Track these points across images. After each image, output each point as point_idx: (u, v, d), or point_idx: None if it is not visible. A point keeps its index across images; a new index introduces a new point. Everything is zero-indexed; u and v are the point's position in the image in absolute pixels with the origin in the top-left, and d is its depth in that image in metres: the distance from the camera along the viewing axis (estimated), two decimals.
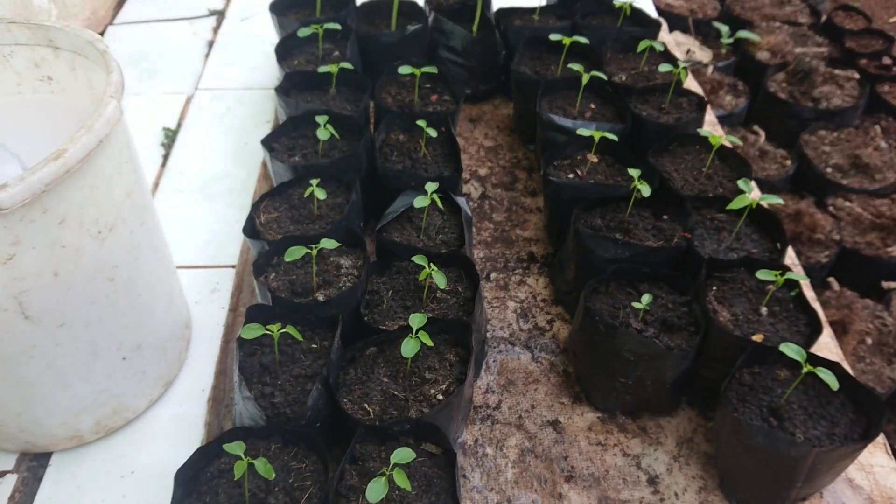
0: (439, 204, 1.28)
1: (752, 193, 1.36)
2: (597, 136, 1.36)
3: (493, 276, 1.43)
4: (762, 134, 2.10)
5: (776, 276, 1.09)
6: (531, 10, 1.90)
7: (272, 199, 1.30)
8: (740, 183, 1.27)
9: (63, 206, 0.81)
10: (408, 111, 1.51)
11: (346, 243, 1.21)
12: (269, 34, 2.05)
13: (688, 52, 2.50)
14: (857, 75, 2.29)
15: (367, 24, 1.85)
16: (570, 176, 1.39)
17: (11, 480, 1.05)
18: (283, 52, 1.68)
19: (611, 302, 1.17)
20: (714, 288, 1.16)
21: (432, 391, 1.01)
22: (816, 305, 1.29)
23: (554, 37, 1.61)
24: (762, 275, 1.10)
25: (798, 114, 2.10)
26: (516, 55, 1.71)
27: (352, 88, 1.57)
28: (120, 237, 0.92)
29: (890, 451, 1.13)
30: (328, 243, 1.10)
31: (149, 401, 1.12)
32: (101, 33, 2.12)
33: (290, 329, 0.99)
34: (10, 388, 0.94)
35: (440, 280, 1.09)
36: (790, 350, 0.97)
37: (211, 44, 2.09)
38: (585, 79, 1.48)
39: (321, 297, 1.12)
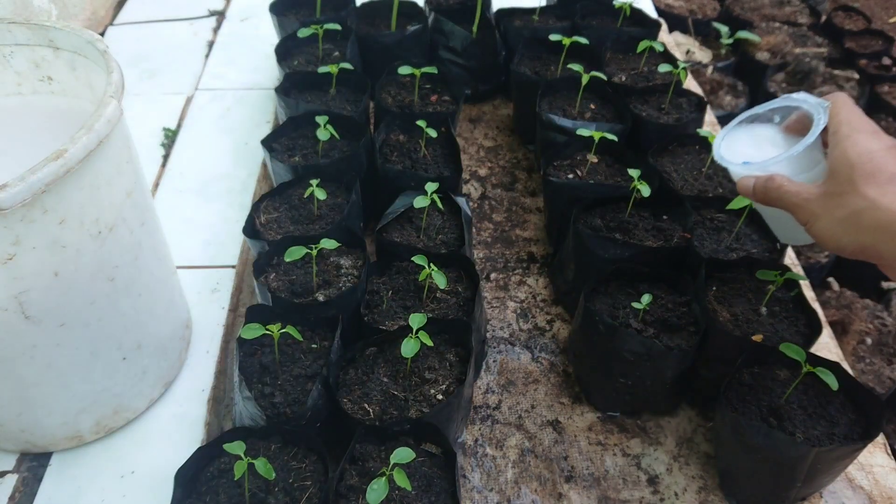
0: (439, 204, 1.28)
1: None
2: (597, 136, 1.36)
3: (492, 276, 1.43)
4: None
5: (776, 276, 1.09)
6: (531, 11, 1.90)
7: (272, 200, 1.31)
8: None
9: (63, 205, 0.81)
10: (408, 111, 1.51)
11: (346, 243, 1.21)
12: (269, 34, 2.05)
13: (687, 52, 2.50)
14: (856, 75, 2.29)
15: (367, 24, 1.86)
16: (570, 176, 1.39)
17: (11, 480, 1.05)
18: (283, 52, 1.68)
19: (611, 302, 1.17)
20: (714, 288, 1.16)
21: (432, 391, 1.01)
22: (816, 305, 1.29)
23: (554, 37, 1.61)
24: (762, 275, 1.10)
25: None
26: (516, 55, 1.71)
27: (352, 89, 1.57)
28: (120, 237, 0.92)
29: (890, 451, 1.13)
30: (328, 243, 1.10)
31: (149, 401, 1.12)
32: (102, 33, 2.12)
33: (290, 329, 0.99)
34: (10, 388, 0.94)
35: (440, 280, 1.09)
36: (790, 350, 0.97)
37: (211, 44, 2.09)
38: (585, 79, 1.48)
39: (321, 298, 1.12)
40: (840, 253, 0.78)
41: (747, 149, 0.94)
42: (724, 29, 2.57)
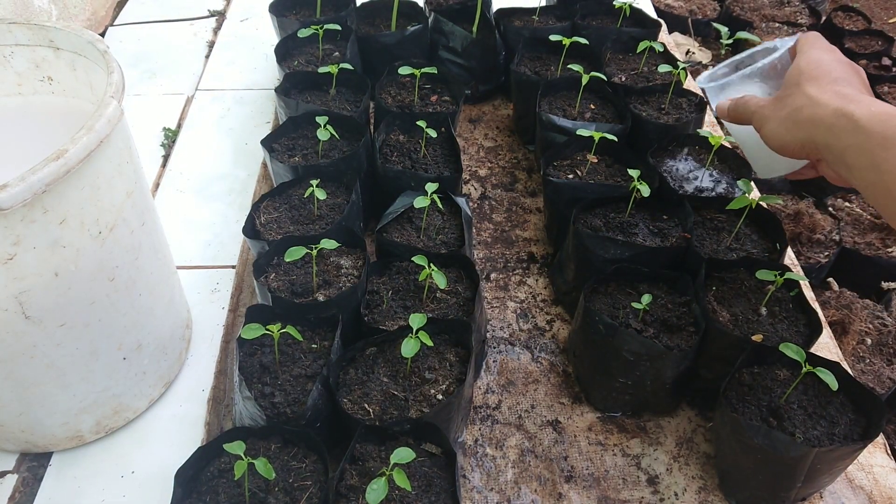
0: (439, 204, 1.28)
1: (752, 193, 1.36)
2: (596, 136, 1.36)
3: (492, 276, 1.43)
4: None
5: (775, 276, 1.09)
6: (531, 11, 1.90)
7: (272, 200, 1.31)
8: (740, 183, 1.27)
9: (64, 206, 0.81)
10: (408, 111, 1.51)
11: (346, 243, 1.21)
12: (269, 35, 2.05)
13: (687, 52, 2.50)
14: None
15: (367, 24, 1.86)
16: (570, 176, 1.39)
17: (11, 480, 1.05)
18: (283, 52, 1.68)
19: (610, 302, 1.17)
20: (713, 288, 1.17)
21: (432, 391, 1.01)
22: (816, 306, 1.29)
23: (554, 37, 1.61)
24: (762, 275, 1.10)
25: None
26: (516, 56, 1.71)
27: (352, 89, 1.57)
28: (120, 237, 0.92)
29: (890, 451, 1.13)
30: (328, 244, 1.10)
31: (149, 401, 1.12)
32: (102, 34, 2.12)
33: (290, 329, 0.99)
34: (10, 388, 0.94)
35: (440, 280, 1.09)
36: (790, 350, 0.97)
37: (211, 44, 2.09)
38: (585, 79, 1.48)
39: (321, 298, 1.12)
40: (784, 151, 0.84)
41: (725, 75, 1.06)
42: (723, 29, 2.57)
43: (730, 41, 2.54)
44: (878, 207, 0.74)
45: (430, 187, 1.24)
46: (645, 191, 1.25)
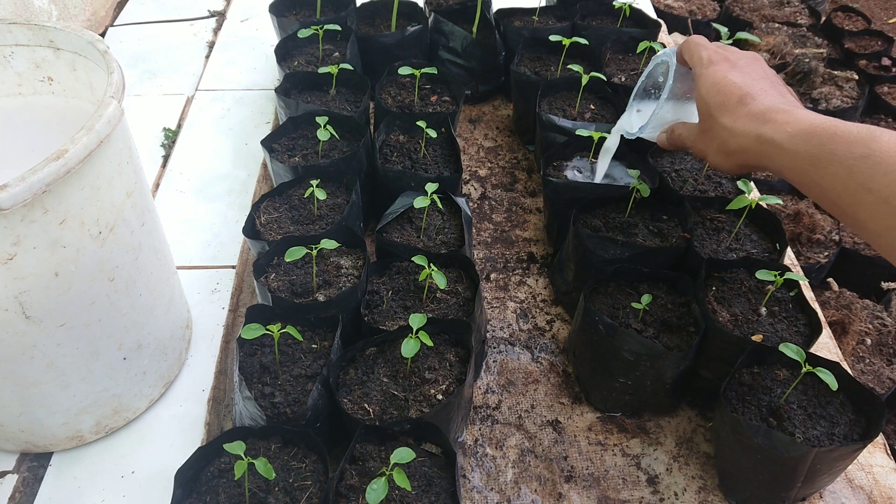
0: (439, 204, 1.28)
1: (752, 194, 1.36)
2: (596, 136, 1.36)
3: (492, 276, 1.44)
4: None
5: (775, 276, 1.09)
6: (531, 11, 1.90)
7: (272, 200, 1.31)
8: (740, 183, 1.27)
9: (64, 206, 0.81)
10: (408, 112, 1.51)
11: (346, 244, 1.21)
12: (269, 35, 2.06)
13: None
14: (856, 76, 2.29)
15: (367, 24, 1.86)
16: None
17: (12, 480, 1.05)
18: (283, 52, 1.68)
19: (610, 302, 1.17)
20: (713, 288, 1.17)
21: (432, 391, 1.01)
22: (816, 306, 1.29)
23: (554, 37, 1.61)
24: (761, 275, 1.10)
25: None
26: (516, 56, 1.71)
27: (352, 89, 1.57)
28: (120, 237, 0.92)
29: (890, 451, 1.13)
30: (328, 244, 1.10)
31: (149, 401, 1.12)
32: (102, 34, 2.12)
33: (290, 329, 0.99)
34: (10, 388, 0.94)
35: (440, 280, 1.09)
36: (789, 350, 0.97)
37: (211, 45, 2.09)
38: (585, 79, 1.48)
39: (321, 298, 1.12)
40: (732, 174, 0.92)
41: (643, 117, 1.09)
42: (723, 30, 2.57)
43: (730, 41, 2.54)
44: (830, 213, 0.76)
45: (430, 187, 1.24)
46: (645, 191, 1.25)
